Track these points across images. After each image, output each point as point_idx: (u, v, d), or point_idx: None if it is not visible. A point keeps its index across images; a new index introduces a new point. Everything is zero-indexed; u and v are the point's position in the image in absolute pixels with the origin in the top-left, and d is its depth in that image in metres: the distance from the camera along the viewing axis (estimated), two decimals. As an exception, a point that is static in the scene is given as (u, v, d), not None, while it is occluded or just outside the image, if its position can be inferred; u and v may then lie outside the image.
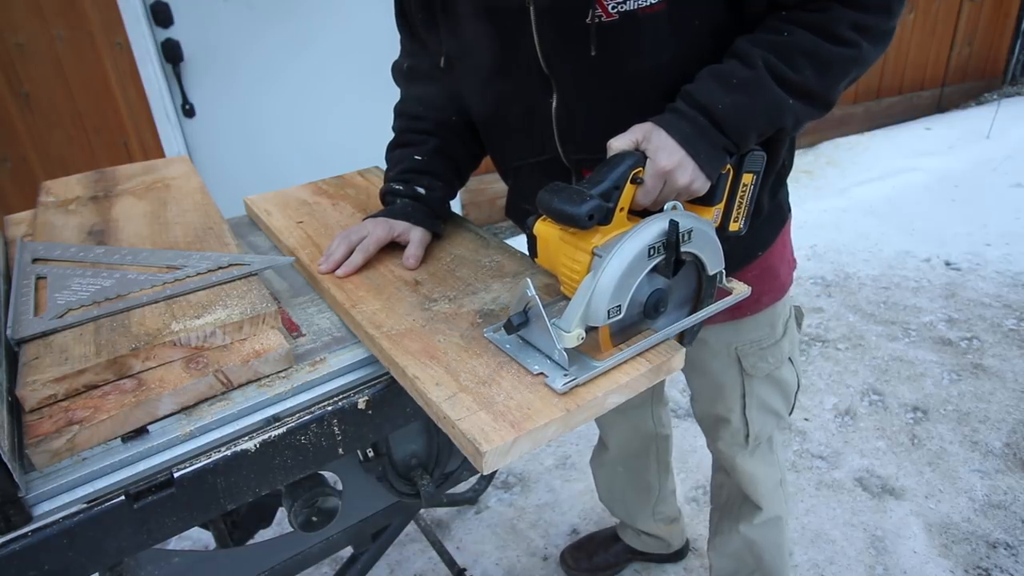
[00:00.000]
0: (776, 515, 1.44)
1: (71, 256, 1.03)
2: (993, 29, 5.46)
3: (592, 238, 0.79)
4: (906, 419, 2.32)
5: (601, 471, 1.72)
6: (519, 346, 0.83)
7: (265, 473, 0.79)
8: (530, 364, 0.79)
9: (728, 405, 1.29)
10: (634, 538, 1.79)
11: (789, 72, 0.84)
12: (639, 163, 0.82)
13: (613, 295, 0.75)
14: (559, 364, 0.78)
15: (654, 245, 0.77)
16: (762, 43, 0.85)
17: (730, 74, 0.85)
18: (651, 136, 0.83)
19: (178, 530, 0.76)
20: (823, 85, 0.86)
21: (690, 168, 0.83)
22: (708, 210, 0.90)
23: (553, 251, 0.84)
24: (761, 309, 1.19)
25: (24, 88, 2.45)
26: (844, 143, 4.82)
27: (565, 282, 0.84)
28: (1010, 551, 1.82)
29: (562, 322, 0.77)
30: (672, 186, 0.83)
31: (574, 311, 0.76)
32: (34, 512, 0.69)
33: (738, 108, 0.84)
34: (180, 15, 2.64)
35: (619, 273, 0.76)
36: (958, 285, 3.09)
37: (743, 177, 0.91)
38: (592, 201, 0.77)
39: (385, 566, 1.89)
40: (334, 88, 3.04)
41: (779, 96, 0.84)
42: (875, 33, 0.85)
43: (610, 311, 0.76)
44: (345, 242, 1.05)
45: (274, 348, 0.85)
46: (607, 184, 0.79)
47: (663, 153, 0.82)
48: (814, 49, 0.84)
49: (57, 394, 0.76)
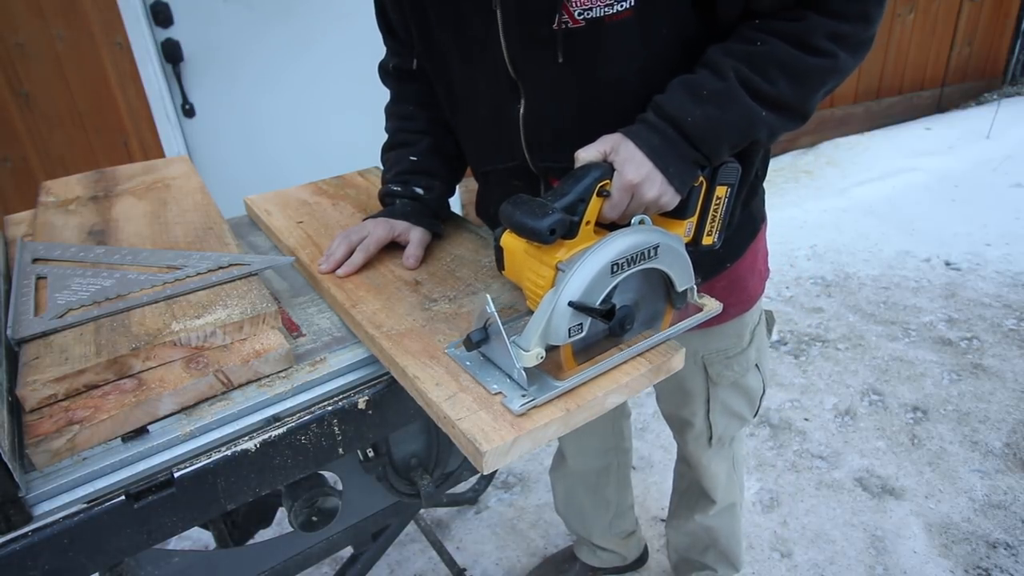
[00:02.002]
0: (730, 503, 1.50)
1: (71, 256, 1.03)
2: (993, 29, 5.45)
3: (557, 252, 0.77)
4: (906, 419, 2.31)
5: (559, 483, 1.69)
6: (479, 363, 0.80)
7: (265, 473, 0.80)
8: (489, 383, 0.77)
9: (692, 409, 1.30)
10: (590, 555, 1.78)
11: (762, 83, 0.81)
12: (606, 175, 0.79)
13: (574, 313, 0.73)
14: (518, 383, 0.75)
15: (618, 261, 0.75)
16: (734, 53, 0.83)
17: (701, 85, 0.82)
18: (619, 148, 0.81)
19: (178, 530, 0.76)
20: (798, 96, 0.83)
21: (658, 182, 0.81)
22: (680, 224, 0.88)
23: (519, 264, 0.82)
24: (728, 320, 1.18)
25: (24, 88, 2.45)
26: (844, 143, 4.82)
27: (530, 296, 0.82)
28: (1010, 551, 1.82)
29: (521, 340, 0.75)
30: (640, 200, 0.81)
31: (534, 329, 0.74)
32: (34, 512, 0.69)
33: (709, 120, 0.82)
34: (180, 15, 2.64)
35: (580, 290, 0.73)
36: (958, 285, 3.09)
37: (716, 190, 0.88)
38: (555, 215, 0.74)
39: (385, 566, 1.88)
40: (334, 88, 3.04)
41: (751, 108, 0.82)
42: (853, 42, 0.83)
43: (571, 329, 0.74)
44: (345, 242, 1.05)
45: (274, 348, 0.85)
46: (572, 197, 0.77)
47: (630, 166, 0.80)
48: (788, 60, 0.81)
49: (57, 394, 0.76)
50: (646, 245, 0.77)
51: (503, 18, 0.88)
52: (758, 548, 1.89)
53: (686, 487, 1.54)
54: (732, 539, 1.56)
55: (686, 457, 1.45)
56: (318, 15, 2.92)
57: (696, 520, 1.52)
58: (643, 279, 0.81)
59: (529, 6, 0.85)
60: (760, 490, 2.08)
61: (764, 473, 2.14)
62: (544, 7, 0.84)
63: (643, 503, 2.05)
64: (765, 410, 2.40)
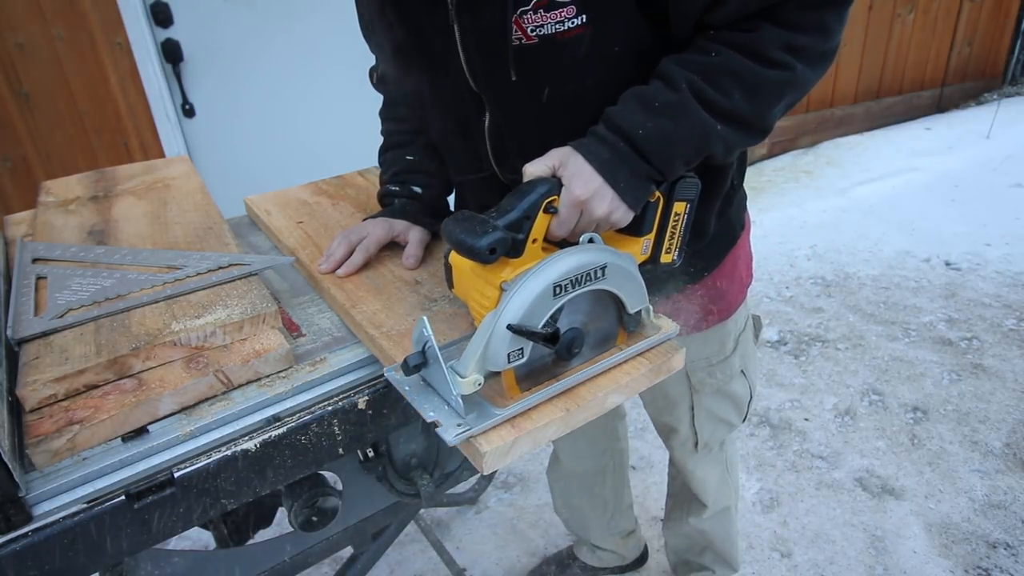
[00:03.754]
0: (724, 507, 1.49)
1: (71, 256, 1.03)
2: (993, 29, 5.45)
3: (501, 271, 0.74)
4: (906, 419, 2.31)
5: (556, 484, 1.70)
6: (419, 388, 0.76)
7: (265, 473, 0.79)
8: (426, 409, 0.73)
9: (677, 416, 1.29)
10: (590, 555, 1.78)
11: (716, 95, 0.79)
12: (553, 191, 0.76)
13: (513, 338, 0.69)
14: (456, 411, 0.71)
15: (561, 283, 0.71)
16: (688, 64, 0.81)
17: (653, 96, 0.80)
18: (567, 162, 0.79)
19: (178, 530, 0.76)
20: (754, 110, 0.81)
21: (608, 197, 0.78)
22: (636, 241, 0.85)
23: (466, 283, 0.79)
24: (707, 327, 1.17)
25: (24, 88, 2.45)
26: (844, 143, 4.82)
27: (476, 316, 0.79)
28: (1010, 551, 1.82)
29: (459, 366, 0.71)
30: (589, 216, 0.78)
31: (472, 354, 0.70)
32: (34, 512, 0.69)
33: (661, 133, 0.79)
34: (180, 15, 2.64)
35: (520, 313, 0.69)
36: (958, 285, 3.09)
37: (674, 206, 0.85)
38: (495, 233, 0.71)
39: (385, 566, 1.88)
40: (334, 88, 3.04)
41: (705, 121, 0.80)
42: (811, 54, 0.80)
43: (511, 355, 0.70)
44: (345, 242, 1.05)
45: (274, 348, 0.85)
46: (516, 214, 0.73)
47: (578, 181, 0.77)
48: (743, 71, 0.79)
49: (57, 394, 0.76)
50: (592, 265, 0.73)
51: (460, 35, 0.87)
52: (758, 548, 1.89)
53: (678, 490, 1.54)
54: (727, 541, 1.56)
55: (675, 461, 1.45)
56: (319, 15, 2.92)
57: (690, 523, 1.52)
58: (593, 300, 0.77)
59: (483, 23, 0.84)
60: (760, 490, 2.08)
61: (764, 473, 2.13)
62: (497, 24, 0.82)
63: (643, 503, 2.05)
64: (765, 410, 2.40)
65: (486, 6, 0.82)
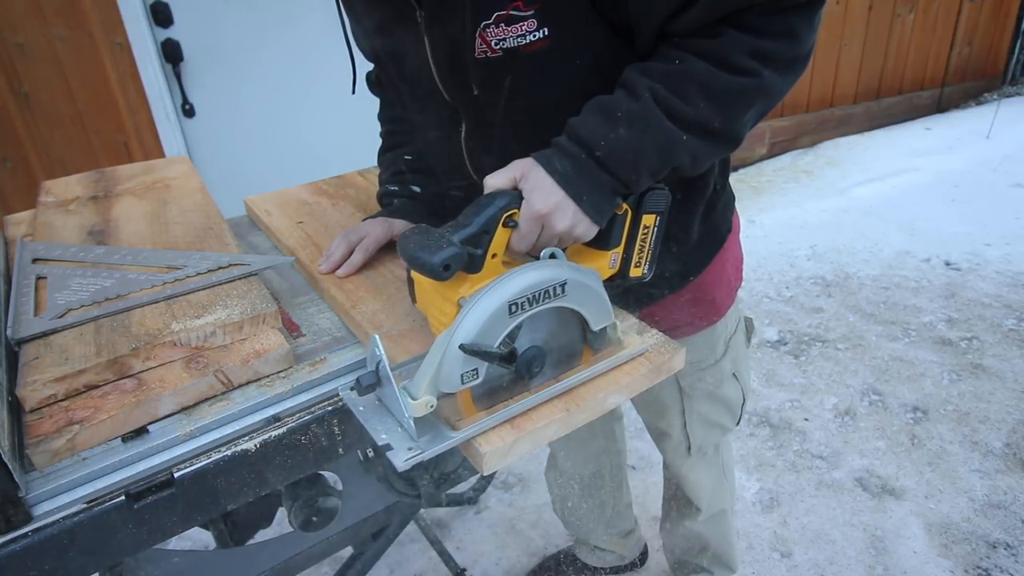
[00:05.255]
0: (720, 510, 1.49)
1: (71, 256, 1.03)
2: (993, 29, 5.45)
3: (460, 287, 0.72)
4: (906, 419, 2.31)
5: (554, 485, 1.70)
6: (373, 408, 0.73)
7: (265, 473, 0.79)
8: (378, 431, 0.70)
9: (668, 420, 1.29)
10: (589, 555, 1.78)
11: (680, 104, 0.76)
12: (513, 204, 0.73)
13: (467, 358, 0.67)
14: (408, 434, 0.69)
15: (517, 301, 0.68)
16: (651, 72, 0.78)
17: (616, 106, 0.77)
18: (528, 174, 0.76)
19: (178, 530, 0.76)
20: (721, 119, 0.78)
21: (570, 211, 0.76)
22: (604, 255, 0.83)
23: (426, 298, 0.77)
24: (695, 332, 1.16)
25: (24, 88, 2.45)
26: (844, 143, 4.82)
27: (435, 333, 0.76)
28: (1010, 551, 1.82)
29: (412, 387, 0.68)
30: (551, 231, 0.76)
31: (424, 375, 0.67)
32: (34, 512, 0.69)
33: (624, 143, 0.76)
34: (180, 15, 2.64)
35: (473, 332, 0.67)
36: (958, 285, 3.09)
37: (643, 219, 0.82)
38: (449, 249, 0.68)
39: (385, 566, 1.88)
40: (334, 87, 3.04)
41: (670, 131, 0.77)
42: (778, 61, 0.77)
43: (465, 376, 0.67)
44: (345, 242, 1.05)
45: (274, 348, 0.85)
46: (473, 228, 0.71)
47: (539, 194, 0.75)
48: (707, 78, 0.76)
49: (57, 394, 0.76)
50: (551, 282, 0.70)
51: (431, 48, 0.87)
52: (758, 548, 1.89)
53: (672, 493, 1.54)
54: (724, 543, 1.56)
55: (669, 465, 1.45)
56: (318, 14, 2.92)
57: (686, 526, 1.52)
58: (555, 318, 0.75)
59: (449, 35, 0.84)
60: (760, 490, 2.08)
61: (764, 473, 2.13)
62: (462, 37, 0.82)
63: (643, 503, 2.05)
64: (765, 410, 2.40)
65: (451, 20, 0.81)
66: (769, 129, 4.57)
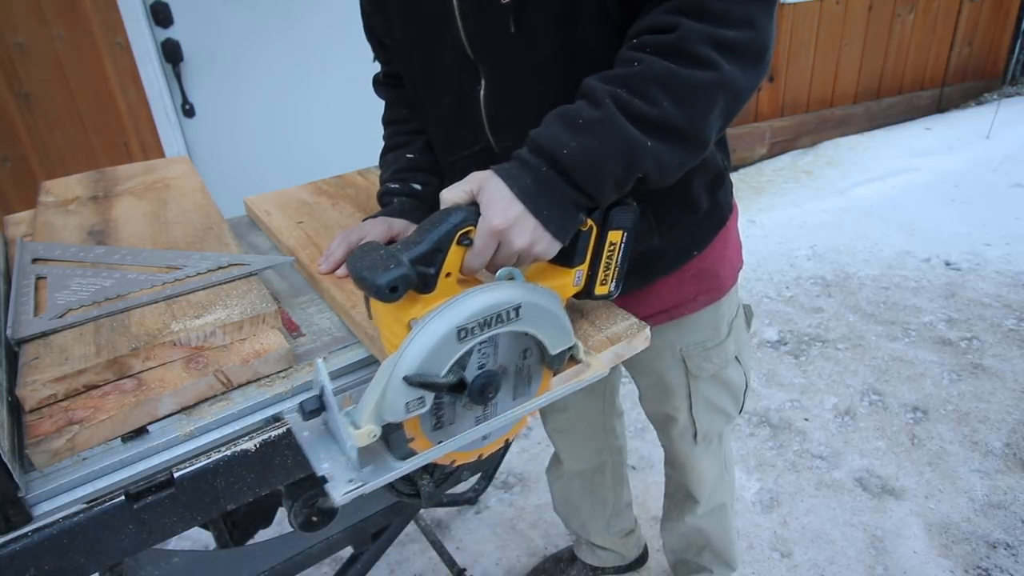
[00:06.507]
0: (720, 503, 1.50)
1: (71, 256, 1.03)
2: (993, 29, 5.45)
3: (411, 308, 0.68)
4: (906, 419, 2.31)
5: (556, 484, 1.70)
6: (319, 433, 0.70)
7: (265, 473, 0.79)
8: (320, 460, 0.66)
9: (675, 404, 1.29)
10: (589, 554, 1.78)
11: (642, 105, 0.73)
12: (469, 220, 0.69)
13: (410, 387, 0.63)
14: (346, 465, 0.65)
15: (467, 326, 0.64)
16: (611, 79, 0.76)
17: (577, 114, 0.74)
18: (486, 186, 0.72)
19: (178, 530, 0.76)
20: (685, 118, 0.74)
21: (530, 227, 0.71)
22: (568, 272, 0.79)
23: (379, 316, 0.73)
24: (698, 308, 1.17)
25: (24, 88, 2.45)
26: (844, 143, 4.82)
27: (388, 352, 0.72)
28: (1010, 551, 1.82)
29: (355, 415, 0.65)
30: (509, 248, 0.72)
31: (367, 403, 0.63)
32: (34, 512, 0.69)
33: (587, 152, 0.73)
34: (180, 15, 2.64)
35: (418, 360, 0.63)
36: (958, 285, 3.09)
37: (609, 235, 0.78)
38: (397, 270, 0.64)
39: (385, 566, 1.88)
40: (334, 88, 3.04)
41: (633, 136, 0.73)
42: (739, 52, 0.75)
43: (410, 404, 0.63)
44: (344, 242, 1.05)
45: (274, 348, 0.85)
46: (425, 247, 0.66)
47: (496, 208, 0.70)
48: (665, 74, 0.73)
49: (57, 394, 0.76)
50: (504, 306, 0.66)
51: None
52: (758, 548, 1.89)
53: (673, 490, 1.54)
54: (724, 539, 1.56)
55: (672, 457, 1.45)
56: (318, 15, 2.92)
57: (687, 522, 1.52)
58: (511, 340, 0.71)
59: None
60: (760, 490, 2.08)
61: (764, 473, 2.13)
62: None
63: (643, 503, 2.06)
64: (765, 410, 2.40)
65: None
66: (769, 129, 4.57)
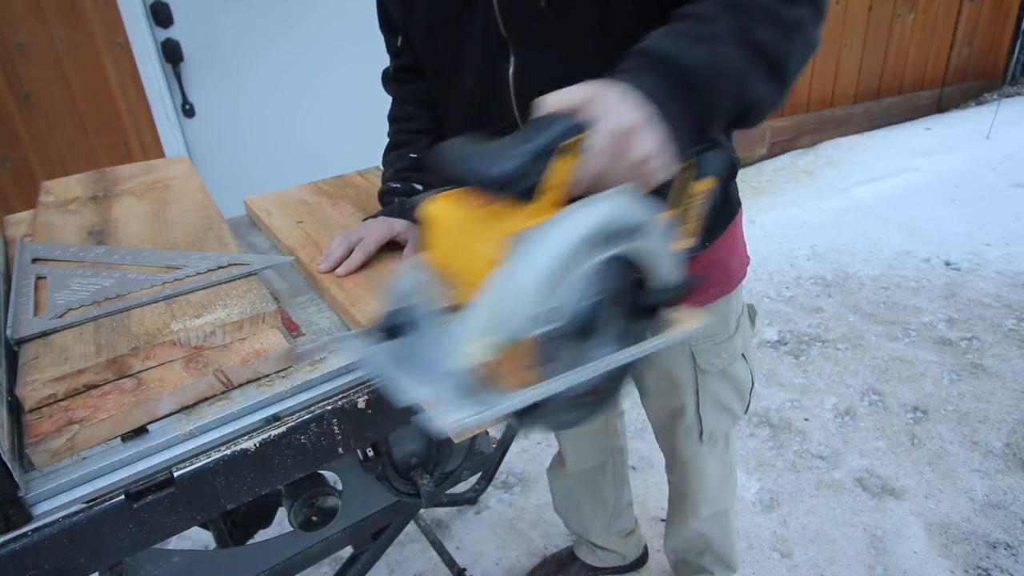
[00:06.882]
0: (723, 508, 1.49)
1: (71, 256, 1.03)
2: (993, 29, 5.45)
3: (507, 221, 0.56)
4: (906, 419, 2.31)
5: (557, 483, 1.71)
6: (396, 359, 0.58)
7: (265, 473, 0.79)
8: (407, 387, 0.55)
9: (682, 400, 1.29)
10: (590, 554, 1.78)
11: (754, 28, 0.70)
12: (580, 129, 0.57)
13: (537, 297, 0.52)
14: (453, 389, 0.53)
15: (599, 235, 0.54)
16: (719, 2, 0.73)
17: (688, 29, 0.70)
18: (603, 92, 0.62)
19: (178, 530, 0.76)
20: (784, 51, 0.73)
21: (657, 135, 0.62)
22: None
23: (453, 240, 0.59)
24: (710, 301, 1.19)
25: (24, 88, 2.45)
26: (844, 143, 4.82)
27: (465, 283, 0.58)
28: (1010, 551, 1.82)
29: (463, 331, 0.52)
30: (626, 157, 0.61)
31: (481, 316, 0.52)
32: (34, 512, 0.69)
33: (708, 60, 0.67)
34: (180, 15, 2.64)
35: (547, 267, 0.52)
36: (958, 285, 3.09)
37: (700, 182, 0.71)
38: (519, 158, 0.53)
39: (385, 566, 1.88)
40: (335, 88, 3.04)
41: (746, 58, 0.70)
42: (814, 4, 0.76)
43: (533, 318, 0.52)
44: (344, 242, 1.05)
45: (274, 348, 0.84)
46: (528, 153, 0.54)
47: (621, 108, 0.60)
48: (772, 5, 0.72)
49: (57, 394, 0.76)
50: (634, 220, 0.56)
51: None
52: (758, 548, 1.89)
53: (677, 494, 1.54)
54: (726, 543, 1.57)
55: (674, 460, 1.44)
56: (319, 14, 2.92)
57: (690, 526, 1.52)
58: (613, 271, 0.60)
59: None
60: (760, 490, 2.08)
61: (764, 473, 2.13)
62: None
63: (643, 503, 2.05)
64: (765, 410, 2.40)
65: None
66: (769, 129, 4.57)
